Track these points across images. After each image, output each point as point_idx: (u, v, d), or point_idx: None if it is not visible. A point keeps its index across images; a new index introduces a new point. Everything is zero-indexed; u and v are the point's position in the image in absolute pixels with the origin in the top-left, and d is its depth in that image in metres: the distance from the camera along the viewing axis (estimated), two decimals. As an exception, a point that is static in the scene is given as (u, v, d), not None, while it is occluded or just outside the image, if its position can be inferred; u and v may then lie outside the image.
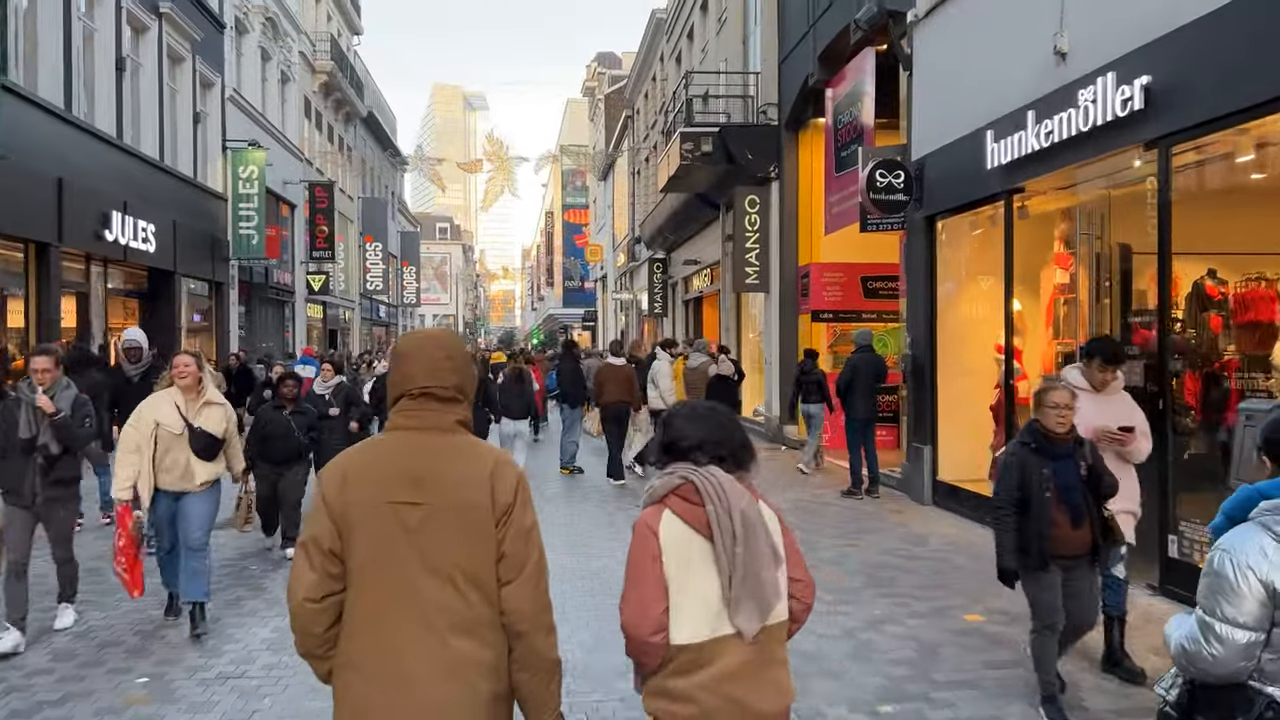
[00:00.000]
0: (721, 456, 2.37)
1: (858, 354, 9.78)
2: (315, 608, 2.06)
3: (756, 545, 2.25)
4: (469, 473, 2.09)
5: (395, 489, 2.06)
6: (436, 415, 2.14)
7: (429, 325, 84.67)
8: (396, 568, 2.03)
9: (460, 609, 2.04)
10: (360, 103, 33.76)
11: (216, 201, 19.62)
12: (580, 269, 58.70)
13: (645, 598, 2.22)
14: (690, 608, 2.23)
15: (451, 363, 2.18)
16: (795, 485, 10.86)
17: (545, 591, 2.12)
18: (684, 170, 16.08)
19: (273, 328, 24.67)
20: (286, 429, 7.15)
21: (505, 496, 2.08)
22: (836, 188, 12.89)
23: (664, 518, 2.28)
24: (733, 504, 2.26)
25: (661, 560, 2.24)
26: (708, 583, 2.24)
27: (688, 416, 2.45)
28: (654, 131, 29.88)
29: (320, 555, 2.06)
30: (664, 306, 27.40)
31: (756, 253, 15.44)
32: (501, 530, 2.07)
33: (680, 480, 2.31)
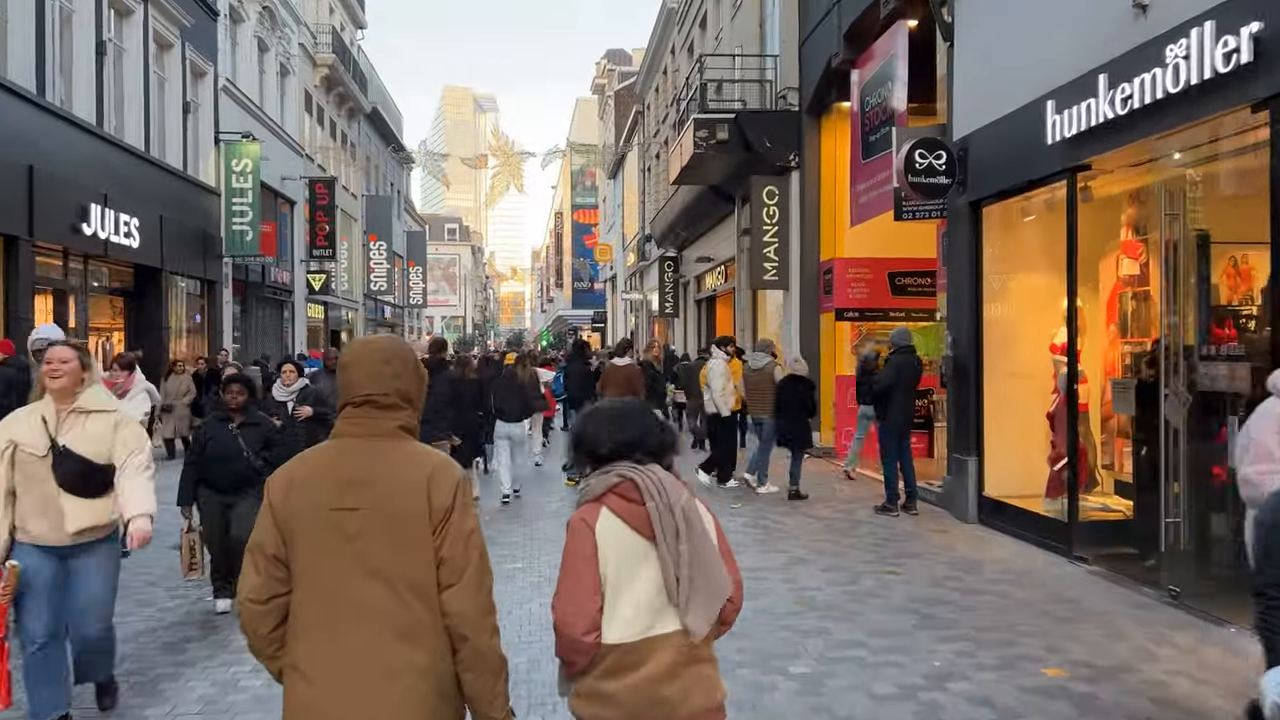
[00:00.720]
0: (653, 452, 2.35)
1: (898, 355, 8.81)
2: (260, 609, 2.11)
3: (701, 542, 2.24)
4: (406, 478, 2.11)
5: (335, 496, 2.09)
6: (377, 422, 2.16)
7: (437, 327, 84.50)
8: (337, 573, 2.07)
9: (399, 614, 2.06)
10: (364, 98, 32.95)
11: (209, 196, 18.79)
12: (590, 270, 57.97)
13: (579, 595, 2.20)
14: (624, 607, 2.21)
15: (391, 368, 2.19)
16: (822, 500, 9.90)
17: (488, 594, 2.14)
18: (698, 160, 15.14)
19: (271, 329, 23.84)
20: (232, 447, 5.61)
21: (442, 501, 2.10)
22: (864, 176, 11.94)
23: (601, 515, 2.25)
24: (673, 501, 2.24)
25: (597, 558, 2.22)
26: (644, 582, 2.22)
27: (602, 420, 2.40)
28: (665, 126, 28.97)
29: (264, 560, 2.10)
30: (675, 306, 26.46)
31: (775, 247, 14.48)
32: (440, 536, 2.09)
33: (619, 478, 2.27)
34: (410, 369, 2.24)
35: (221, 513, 5.63)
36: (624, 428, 2.37)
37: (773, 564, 7.01)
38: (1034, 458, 8.28)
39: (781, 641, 5.18)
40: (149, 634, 5.43)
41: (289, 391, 7.49)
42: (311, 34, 27.39)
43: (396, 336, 2.58)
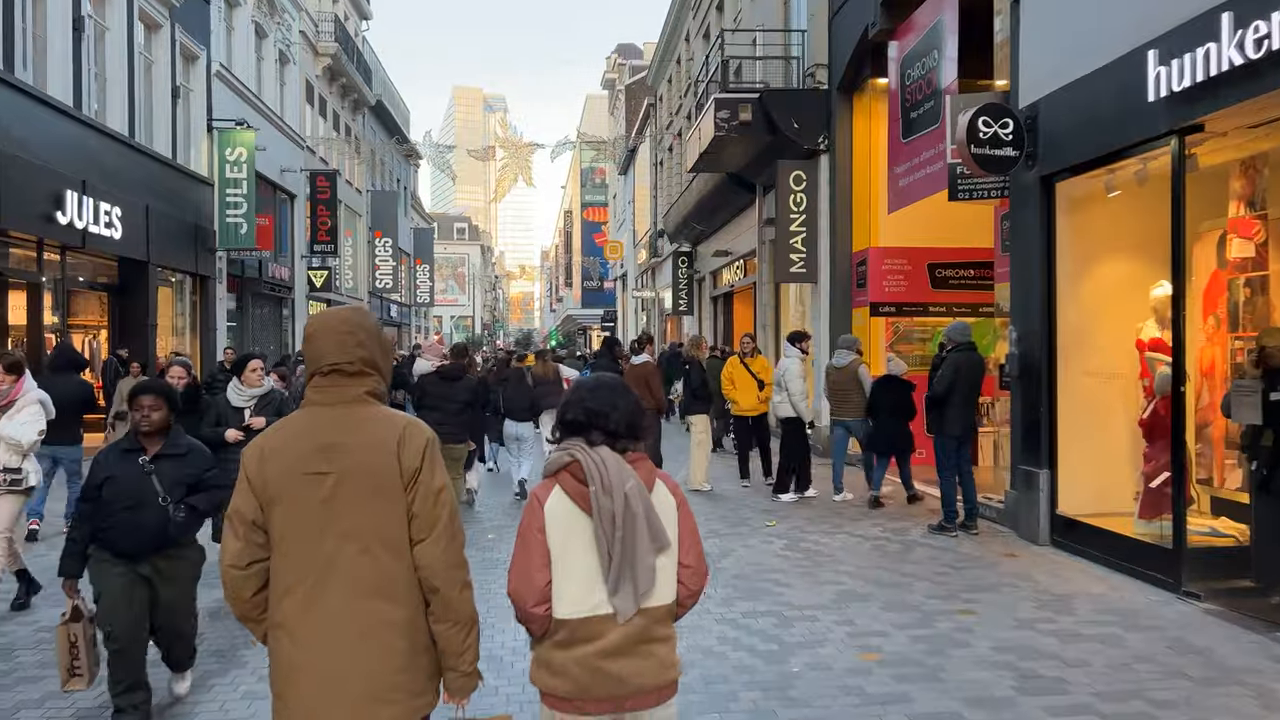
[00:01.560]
0: (613, 432, 2.34)
1: (958, 353, 7.70)
2: (241, 574, 2.21)
3: (636, 529, 2.25)
4: (376, 438, 2.20)
5: (307, 461, 2.17)
6: (344, 389, 2.24)
7: (446, 327, 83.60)
8: (312, 535, 2.16)
9: (373, 572, 2.16)
10: (368, 90, 31.99)
11: (200, 186, 17.83)
12: (599, 268, 57.03)
13: (528, 568, 2.26)
14: (571, 583, 2.26)
15: (355, 337, 2.25)
16: (866, 516, 8.82)
17: (458, 549, 2.24)
18: (718, 144, 14.07)
19: (269, 327, 22.89)
20: (140, 491, 3.82)
21: (412, 460, 2.19)
22: (904, 156, 10.85)
23: (553, 492, 2.31)
24: (615, 486, 2.25)
25: (545, 534, 2.27)
26: (588, 560, 2.26)
27: (582, 390, 2.44)
28: (678, 117, 27.93)
29: (244, 526, 2.20)
30: (690, 304, 25.40)
31: (803, 237, 13.40)
32: (411, 492, 2.19)
33: (570, 458, 2.31)
34: (374, 337, 2.29)
35: (126, 588, 3.82)
36: (594, 401, 2.37)
37: (823, 599, 5.94)
38: (1117, 470, 7.20)
39: (850, 714, 4.11)
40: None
41: (248, 396, 5.96)
42: (313, 22, 26.43)
43: (359, 306, 2.66)
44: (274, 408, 5.95)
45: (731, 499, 9.78)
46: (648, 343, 9.97)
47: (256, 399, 5.99)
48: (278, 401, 6.05)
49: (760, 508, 9.26)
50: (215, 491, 4.00)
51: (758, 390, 10.36)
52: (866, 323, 12.50)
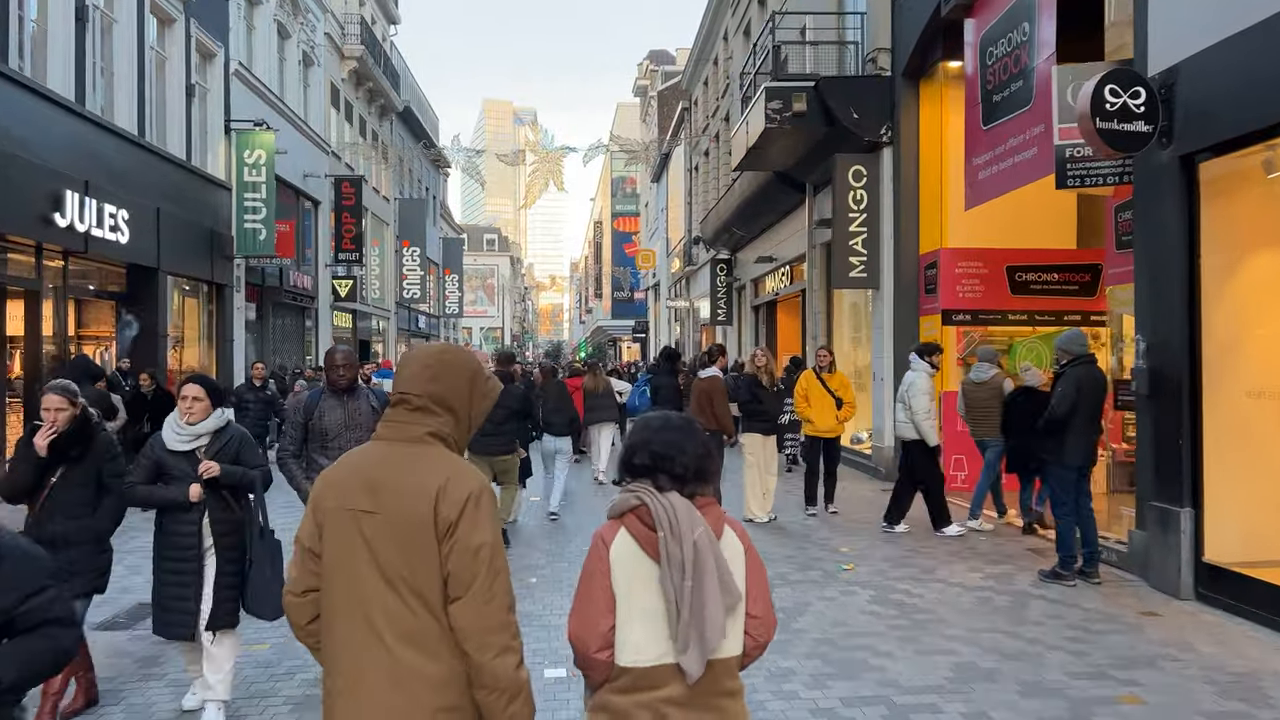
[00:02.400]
0: (680, 476, 2.22)
1: (1078, 368, 6.43)
2: (298, 601, 2.16)
3: (706, 581, 2.12)
4: (419, 484, 2.07)
5: (355, 497, 2.10)
6: (407, 425, 2.15)
7: (475, 337, 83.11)
8: (353, 573, 2.08)
9: (408, 619, 2.04)
10: (396, 95, 31.22)
11: (217, 190, 16.96)
12: (630, 278, 56.07)
13: (591, 612, 2.16)
14: (636, 630, 2.14)
15: (430, 371, 2.17)
16: (957, 556, 7.57)
17: (498, 611, 2.04)
18: (767, 139, 12.91)
19: (291, 338, 22.01)
20: None
21: (449, 512, 2.04)
22: (985, 145, 9.63)
23: (619, 535, 2.20)
24: (684, 534, 2.14)
25: (610, 577, 2.16)
26: (654, 608, 2.14)
27: (648, 430, 2.30)
28: (715, 120, 26.84)
29: (302, 551, 2.16)
30: (728, 313, 24.21)
31: (863, 238, 12.18)
32: (446, 546, 2.03)
33: (637, 501, 2.20)
34: (456, 375, 2.19)
35: None
36: (660, 444, 2.25)
37: (937, 677, 4.72)
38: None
39: None
40: None
41: (190, 435, 4.16)
42: (339, 23, 25.67)
43: (461, 347, 2.43)
44: (231, 450, 4.24)
45: (796, 533, 8.56)
46: (719, 355, 8.76)
47: (208, 438, 4.21)
48: (235, 442, 4.27)
49: (831, 544, 8.03)
50: (51, 607, 2.13)
51: (835, 409, 9.16)
52: (938, 332, 11.24)
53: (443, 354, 2.22)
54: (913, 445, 8.30)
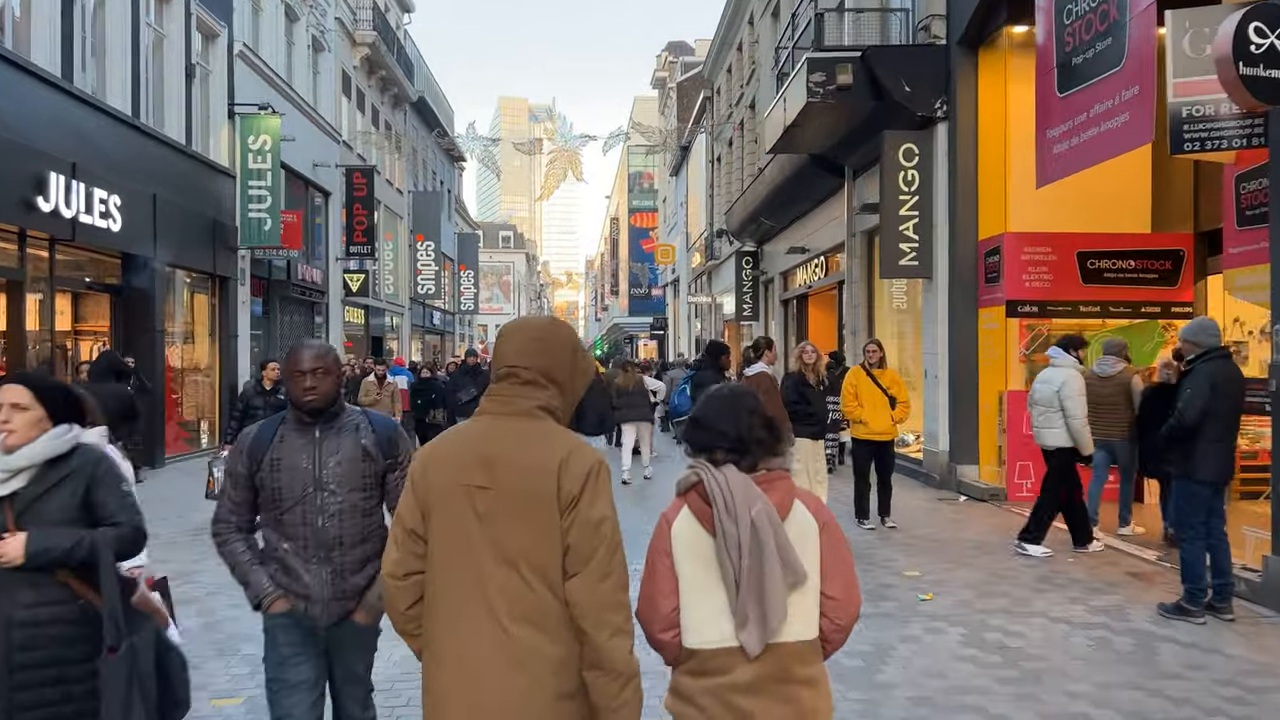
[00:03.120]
0: (733, 448, 2.13)
1: (1210, 363, 5.37)
2: (398, 584, 2.06)
3: (765, 558, 2.03)
4: (538, 459, 2.00)
5: (469, 472, 2.02)
6: (518, 399, 2.07)
7: (490, 336, 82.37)
8: (467, 552, 2.00)
9: (527, 598, 1.97)
10: (409, 85, 30.34)
11: (220, 177, 16.10)
12: (649, 275, 55.10)
13: (655, 593, 2.11)
14: (700, 611, 2.08)
15: (540, 345, 2.11)
16: (1046, 581, 6.53)
17: (614, 588, 1.97)
18: (807, 116, 11.87)
19: (299, 334, 21.14)
20: None
21: (572, 486, 1.98)
22: (1063, 114, 8.57)
23: (681, 514, 2.14)
24: (740, 511, 2.05)
25: (672, 556, 2.11)
26: (715, 588, 2.08)
27: (706, 405, 2.23)
28: (739, 108, 25.82)
29: (404, 533, 2.06)
30: (754, 309, 23.15)
31: (915, 223, 11.14)
32: (567, 520, 1.98)
33: (696, 478, 2.13)
34: (563, 349, 2.12)
35: None
36: (706, 414, 2.20)
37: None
38: None
39: None
40: None
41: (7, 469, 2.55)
42: (350, 9, 24.80)
43: (560, 320, 2.27)
44: (69, 496, 2.61)
45: (854, 553, 7.53)
46: (767, 348, 7.70)
47: (32, 473, 2.59)
48: (83, 479, 2.64)
49: (896, 566, 7.01)
50: None
51: (889, 409, 8.15)
52: (1000, 325, 10.19)
53: (550, 326, 2.16)
54: (1059, 453, 7.23)
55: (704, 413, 2.20)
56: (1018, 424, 9.84)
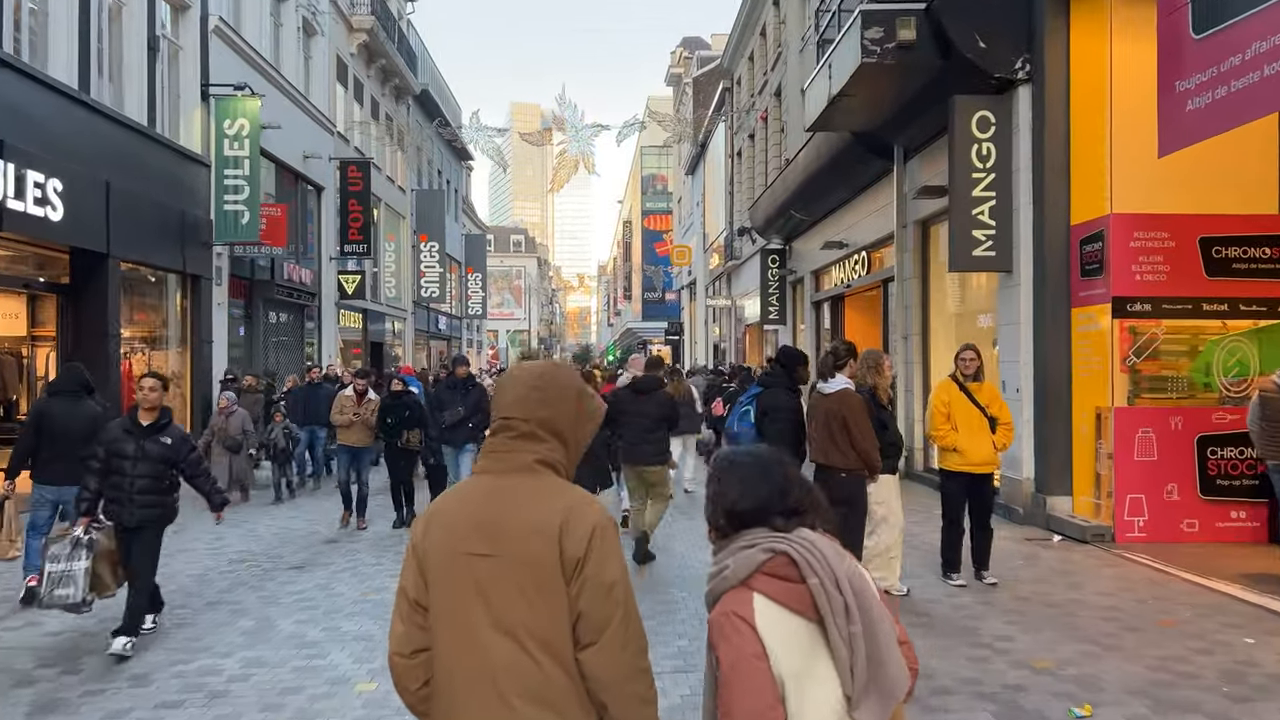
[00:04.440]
0: (796, 510, 1.85)
1: None
2: (406, 663, 1.90)
3: (874, 619, 1.74)
4: (537, 520, 1.82)
5: (468, 538, 1.86)
6: (513, 455, 1.91)
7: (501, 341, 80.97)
8: (467, 625, 1.83)
9: (533, 675, 1.78)
10: (412, 76, 28.73)
11: (192, 165, 14.46)
12: (663, 278, 53.53)
13: (759, 709, 1.66)
14: (812, 713, 1.69)
15: (540, 395, 1.94)
16: (1194, 638, 4.73)
17: (634, 655, 1.81)
18: (859, 82, 10.12)
19: (287, 340, 19.49)
20: None
21: (575, 548, 1.79)
22: (1200, 61, 6.81)
23: (756, 604, 1.74)
24: (839, 573, 1.75)
25: (767, 659, 1.70)
26: (829, 678, 1.72)
27: (730, 479, 1.91)
28: (762, 96, 24.08)
29: (408, 605, 1.90)
30: (781, 311, 21.35)
31: (991, 206, 9.35)
32: (575, 586, 1.79)
33: (766, 554, 1.77)
34: (563, 397, 1.95)
35: None
36: (755, 482, 1.88)
37: None
38: None
39: None
40: None
41: None
42: (346, -9, 23.21)
43: (561, 363, 2.14)
44: None
45: (951, 624, 5.75)
46: (849, 358, 5.84)
47: None
48: None
49: (1018, 650, 5.21)
50: None
51: (990, 432, 6.38)
52: (1104, 326, 8.39)
53: (549, 373, 2.00)
54: None
55: (733, 488, 1.87)
56: (1127, 448, 8.05)
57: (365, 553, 8.26)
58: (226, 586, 7.03)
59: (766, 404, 6.08)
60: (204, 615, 6.26)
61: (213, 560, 7.95)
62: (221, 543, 8.69)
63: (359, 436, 9.49)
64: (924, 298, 12.30)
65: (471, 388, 9.24)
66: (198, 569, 7.61)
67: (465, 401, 9.03)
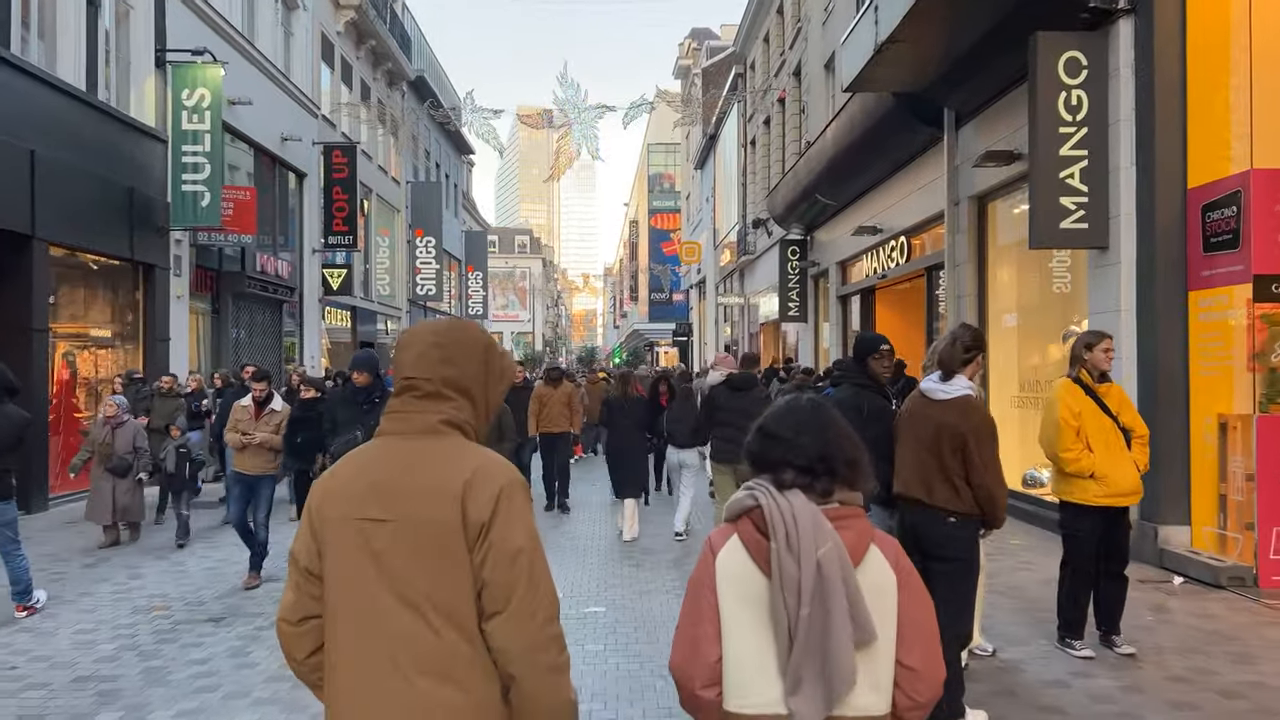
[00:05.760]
0: (805, 468, 1.75)
1: None
2: (292, 630, 1.81)
3: (831, 608, 1.63)
4: (438, 480, 1.71)
5: (364, 503, 1.74)
6: (419, 415, 1.79)
7: (506, 343, 79.41)
8: (363, 594, 1.71)
9: (432, 645, 1.68)
10: (406, 60, 27.10)
11: (144, 140, 12.81)
12: (670, 277, 51.94)
13: (697, 637, 1.72)
14: (746, 664, 1.69)
15: (441, 351, 1.82)
16: None
17: (542, 624, 1.69)
18: (911, 27, 8.43)
19: (261, 339, 17.82)
20: None
21: (479, 512, 1.68)
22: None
23: (729, 542, 1.76)
24: (804, 546, 1.66)
25: (717, 593, 1.73)
26: (763, 638, 1.69)
27: (781, 414, 1.85)
28: (779, 77, 22.41)
29: (298, 573, 1.80)
30: (802, 307, 19.64)
31: (1083, 167, 7.62)
32: (480, 553, 1.68)
33: (752, 501, 1.76)
34: (469, 355, 1.83)
35: None
36: (776, 424, 1.82)
37: None
38: None
39: None
40: None
41: None
42: (331, -36, 21.59)
43: (466, 321, 2.00)
44: None
45: (1089, 715, 4.04)
46: (976, 352, 4.00)
47: None
48: None
49: None
50: None
51: (1127, 451, 4.68)
52: (1237, 313, 6.66)
53: (453, 328, 1.87)
54: None
55: (776, 422, 1.82)
56: (1273, 467, 6.31)
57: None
58: (111, 653, 5.35)
59: (843, 400, 4.32)
60: (59, 700, 4.58)
61: (112, 610, 6.26)
62: (136, 583, 7.01)
63: (257, 461, 6.98)
64: (980, 285, 10.57)
65: (378, 400, 6.36)
66: (89, 623, 5.94)
67: (366, 421, 6.17)
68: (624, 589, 6.71)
